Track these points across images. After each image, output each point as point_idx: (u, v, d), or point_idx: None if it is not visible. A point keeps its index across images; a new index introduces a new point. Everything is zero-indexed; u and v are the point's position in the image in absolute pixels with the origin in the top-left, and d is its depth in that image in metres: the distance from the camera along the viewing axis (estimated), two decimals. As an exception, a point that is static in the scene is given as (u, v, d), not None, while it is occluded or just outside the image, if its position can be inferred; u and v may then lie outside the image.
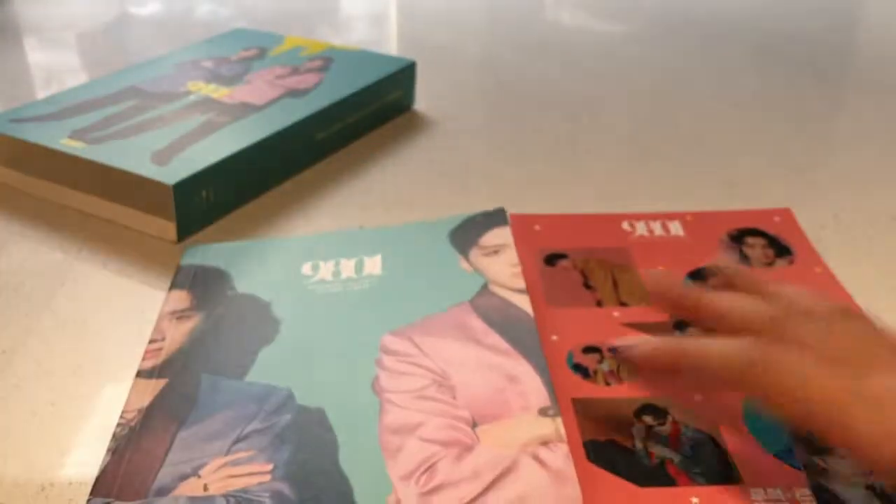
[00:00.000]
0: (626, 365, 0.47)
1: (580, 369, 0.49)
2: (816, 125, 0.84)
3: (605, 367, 0.49)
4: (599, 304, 0.55)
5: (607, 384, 0.48)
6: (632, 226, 0.64)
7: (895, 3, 1.23)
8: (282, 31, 0.94)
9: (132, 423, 0.43)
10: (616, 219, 0.65)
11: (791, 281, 0.57)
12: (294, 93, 0.76)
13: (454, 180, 0.72)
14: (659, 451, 0.43)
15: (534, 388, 0.44)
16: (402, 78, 0.84)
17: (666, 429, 0.44)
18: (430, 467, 0.39)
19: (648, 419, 0.45)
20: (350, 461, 0.40)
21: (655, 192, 0.70)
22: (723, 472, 0.41)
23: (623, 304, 0.55)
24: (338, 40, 1.05)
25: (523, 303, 0.50)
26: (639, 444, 0.43)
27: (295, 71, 0.82)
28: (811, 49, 1.05)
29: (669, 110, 0.87)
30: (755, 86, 0.94)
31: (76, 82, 0.81)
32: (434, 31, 1.13)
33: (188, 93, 0.76)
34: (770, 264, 0.59)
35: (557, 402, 0.43)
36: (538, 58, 1.02)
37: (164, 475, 0.40)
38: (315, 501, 0.38)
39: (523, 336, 0.48)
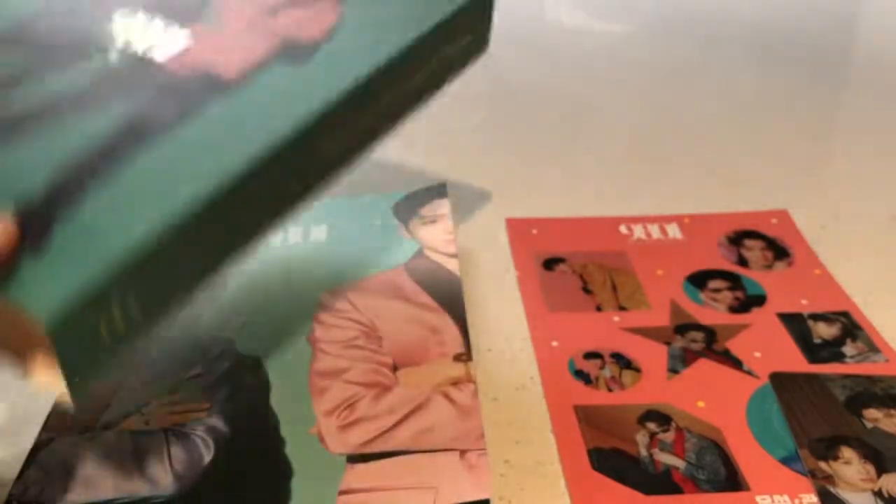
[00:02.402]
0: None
1: (582, 375, 0.49)
2: (816, 125, 0.84)
3: (606, 373, 0.49)
4: (599, 308, 0.55)
5: (609, 390, 0.48)
6: (629, 229, 0.64)
7: (895, 3, 1.23)
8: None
9: None
10: (613, 222, 0.65)
11: (791, 283, 0.57)
12: (292, 48, 0.43)
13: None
14: (664, 458, 0.43)
15: (452, 338, 0.47)
16: (475, 13, 0.51)
17: (670, 435, 0.44)
18: (351, 405, 0.43)
19: (652, 426, 0.45)
20: (280, 400, 0.44)
21: (653, 193, 0.70)
22: (729, 479, 0.41)
23: (623, 309, 0.55)
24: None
25: (452, 266, 0.53)
26: (643, 452, 0.43)
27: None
28: (811, 49, 1.05)
29: (668, 111, 0.87)
30: (754, 86, 0.94)
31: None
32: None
33: (105, 45, 0.42)
34: (769, 266, 0.59)
35: (471, 349, 0.46)
36: (537, 58, 1.02)
37: (110, 413, 0.44)
38: (246, 433, 0.42)
39: (448, 294, 0.51)
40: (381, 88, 0.43)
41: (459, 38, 0.50)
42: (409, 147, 0.78)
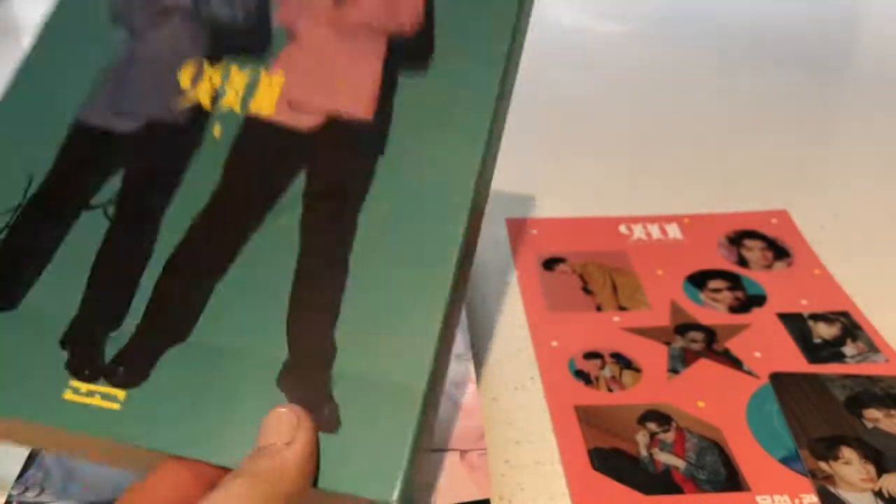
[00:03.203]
0: None
1: (582, 375, 0.49)
2: (816, 125, 0.84)
3: (606, 373, 0.49)
4: (599, 308, 0.55)
5: (609, 390, 0.48)
6: (629, 229, 0.64)
7: (895, 3, 1.23)
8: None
9: None
10: (613, 222, 0.65)
11: (791, 283, 0.57)
12: (400, 50, 0.37)
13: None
14: (664, 458, 0.43)
15: None
16: None
17: (670, 435, 0.44)
18: None
19: (652, 426, 0.45)
20: None
21: (653, 193, 0.70)
22: (729, 479, 0.41)
23: (623, 309, 0.55)
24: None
25: None
26: (643, 452, 0.43)
27: None
28: (811, 49, 1.05)
29: (668, 111, 0.87)
30: (754, 86, 0.94)
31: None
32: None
33: (198, 116, 0.37)
34: (769, 267, 0.59)
35: (471, 350, 0.47)
36: (537, 58, 1.02)
37: None
38: None
39: None
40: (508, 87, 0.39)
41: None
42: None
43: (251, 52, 0.38)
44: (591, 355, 0.51)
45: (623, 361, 0.50)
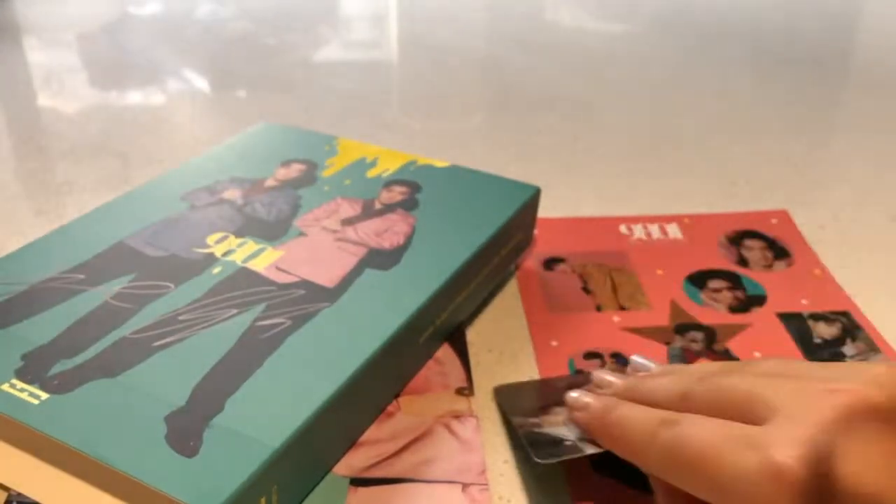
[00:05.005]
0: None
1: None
2: (816, 125, 0.84)
3: (606, 372, 0.49)
4: (599, 308, 0.55)
5: (609, 390, 0.48)
6: (629, 229, 0.64)
7: (895, 4, 1.23)
8: (280, 29, 0.94)
9: None
10: (613, 222, 0.65)
11: (791, 283, 0.57)
12: (378, 255, 0.50)
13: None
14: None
15: (455, 372, 0.49)
16: (526, 215, 0.57)
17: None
18: None
19: (651, 426, 0.45)
20: None
21: (653, 193, 0.70)
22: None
23: (623, 309, 0.55)
24: (338, 40, 1.04)
25: None
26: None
27: (367, 210, 0.54)
28: (810, 49, 1.05)
29: (668, 111, 0.87)
30: (754, 86, 0.94)
31: (76, 84, 0.77)
32: (434, 30, 1.13)
33: (208, 259, 0.48)
34: (769, 266, 0.59)
35: (474, 385, 0.48)
36: (538, 58, 1.02)
37: None
38: None
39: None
40: (455, 289, 0.49)
41: (513, 238, 0.56)
42: (409, 147, 0.78)
43: (269, 238, 0.51)
44: (591, 355, 0.51)
45: (623, 361, 0.50)
